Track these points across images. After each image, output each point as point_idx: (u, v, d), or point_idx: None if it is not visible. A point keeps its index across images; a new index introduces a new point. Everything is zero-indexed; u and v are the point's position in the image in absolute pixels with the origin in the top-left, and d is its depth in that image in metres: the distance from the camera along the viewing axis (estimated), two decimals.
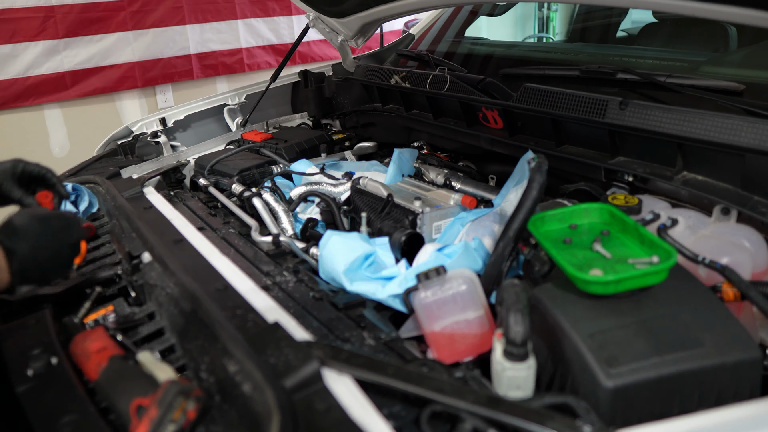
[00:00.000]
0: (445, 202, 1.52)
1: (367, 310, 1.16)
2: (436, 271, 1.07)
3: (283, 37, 4.61)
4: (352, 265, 1.23)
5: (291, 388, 0.77)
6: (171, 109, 2.29)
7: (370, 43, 2.55)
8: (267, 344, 0.84)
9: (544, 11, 5.28)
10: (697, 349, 0.80)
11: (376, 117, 2.24)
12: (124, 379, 0.82)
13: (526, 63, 1.98)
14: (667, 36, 2.23)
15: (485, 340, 1.06)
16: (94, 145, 2.22)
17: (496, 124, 1.66)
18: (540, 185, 1.13)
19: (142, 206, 1.58)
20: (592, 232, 1.05)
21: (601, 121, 1.34)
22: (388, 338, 1.03)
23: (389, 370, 0.80)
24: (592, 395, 0.79)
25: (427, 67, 2.06)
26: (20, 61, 3.47)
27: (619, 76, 1.51)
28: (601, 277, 0.87)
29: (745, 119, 1.12)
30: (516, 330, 0.81)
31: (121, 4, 3.77)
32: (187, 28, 4.10)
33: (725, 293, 0.95)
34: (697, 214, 1.16)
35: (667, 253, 0.89)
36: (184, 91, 4.24)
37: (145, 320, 1.06)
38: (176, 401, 0.73)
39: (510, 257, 1.15)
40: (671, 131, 1.22)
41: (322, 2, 2.15)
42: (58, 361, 0.89)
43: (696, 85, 1.36)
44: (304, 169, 1.88)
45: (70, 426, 0.77)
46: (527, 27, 5.58)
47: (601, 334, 0.83)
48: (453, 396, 0.75)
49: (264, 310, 1.00)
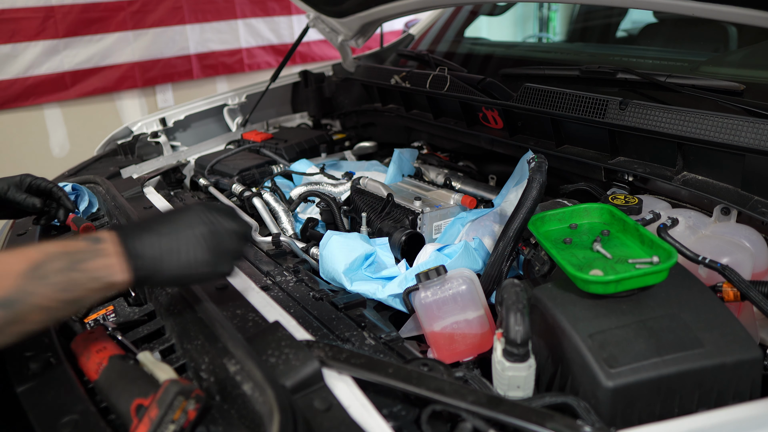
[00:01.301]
0: (445, 202, 1.52)
1: (367, 310, 1.16)
2: (436, 271, 1.07)
3: (283, 37, 4.61)
4: (353, 265, 1.23)
5: (291, 388, 0.77)
6: (171, 109, 2.29)
7: (370, 43, 2.55)
8: (267, 344, 0.84)
9: (544, 11, 5.28)
10: (697, 349, 0.80)
11: (376, 117, 2.24)
12: (124, 379, 0.82)
13: (526, 63, 1.98)
14: (667, 36, 2.23)
15: (485, 340, 1.07)
16: (94, 145, 2.22)
17: (496, 124, 1.66)
18: (540, 185, 1.13)
19: (142, 206, 1.58)
20: (593, 232, 1.05)
21: (601, 121, 1.34)
22: (388, 338, 1.03)
23: (389, 369, 0.80)
24: (593, 395, 0.79)
25: (427, 67, 2.06)
26: (20, 61, 3.47)
27: (619, 76, 1.51)
28: (602, 276, 0.87)
29: (745, 119, 1.12)
30: (516, 330, 0.81)
31: (121, 4, 3.77)
32: (187, 28, 4.10)
33: (725, 293, 0.96)
34: (697, 214, 1.16)
35: (668, 253, 0.89)
36: (184, 91, 4.24)
37: (145, 320, 1.06)
38: (176, 401, 0.73)
39: (510, 257, 1.15)
40: (671, 131, 1.22)
41: (322, 2, 2.15)
42: (57, 361, 0.89)
43: (696, 85, 1.36)
44: (304, 169, 1.88)
45: (70, 426, 0.76)
46: (527, 27, 5.58)
47: (601, 334, 0.83)
48: (453, 396, 0.75)
49: (264, 310, 1.00)
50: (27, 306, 0.69)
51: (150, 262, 0.78)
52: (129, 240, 0.78)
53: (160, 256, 0.79)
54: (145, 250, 0.78)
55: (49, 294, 0.71)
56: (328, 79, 2.51)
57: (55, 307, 0.72)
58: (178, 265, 0.80)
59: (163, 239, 0.80)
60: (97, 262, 0.75)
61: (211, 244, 0.84)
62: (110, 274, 0.75)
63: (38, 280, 0.70)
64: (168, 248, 0.80)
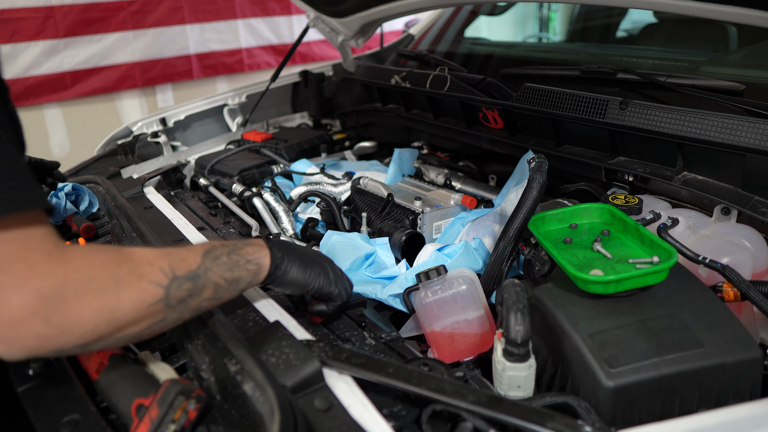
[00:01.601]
0: (446, 202, 1.52)
1: (367, 309, 1.16)
2: (437, 271, 1.07)
3: (283, 37, 4.61)
4: (353, 265, 1.23)
5: (292, 388, 0.77)
6: (171, 109, 2.29)
7: (370, 43, 2.55)
8: (268, 344, 0.84)
9: (544, 11, 5.28)
10: (697, 349, 0.80)
11: (376, 117, 2.24)
12: (124, 378, 0.82)
13: (526, 63, 1.97)
14: (667, 36, 2.23)
15: (485, 340, 1.07)
16: (94, 145, 2.22)
17: (497, 124, 1.66)
18: (540, 185, 1.13)
19: (143, 206, 1.58)
20: (593, 232, 1.05)
21: (601, 121, 1.34)
22: (389, 338, 1.03)
23: (390, 369, 0.80)
24: (593, 395, 0.79)
25: (427, 67, 2.06)
26: (20, 61, 3.47)
27: (620, 76, 1.51)
28: (602, 276, 0.87)
29: (746, 119, 1.12)
30: (516, 330, 0.81)
31: (121, 4, 3.77)
32: (187, 28, 4.10)
33: (726, 293, 0.96)
34: (697, 214, 1.16)
35: (668, 252, 0.89)
36: (184, 91, 4.24)
37: None
38: (177, 401, 0.73)
39: (510, 257, 1.15)
40: (671, 131, 1.22)
41: (322, 2, 2.15)
42: (58, 361, 0.89)
43: (696, 85, 1.36)
44: (304, 169, 1.88)
45: (71, 425, 0.77)
46: (527, 27, 5.58)
47: (602, 334, 0.83)
48: (453, 396, 0.75)
49: (264, 310, 1.00)
50: (205, 281, 0.82)
51: (282, 261, 0.97)
52: (267, 242, 0.98)
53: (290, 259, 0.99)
54: (280, 250, 0.98)
55: (219, 272, 0.85)
56: (328, 79, 2.51)
57: (222, 286, 0.85)
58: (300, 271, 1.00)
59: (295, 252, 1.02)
60: (250, 248, 0.93)
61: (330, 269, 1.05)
62: (260, 257, 0.93)
63: (213, 260, 0.85)
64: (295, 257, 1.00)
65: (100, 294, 0.69)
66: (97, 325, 0.68)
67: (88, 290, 0.68)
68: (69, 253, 0.69)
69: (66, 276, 0.67)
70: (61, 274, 0.66)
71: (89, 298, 0.68)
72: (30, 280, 0.64)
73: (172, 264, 0.78)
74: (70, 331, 0.67)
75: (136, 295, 0.72)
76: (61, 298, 0.65)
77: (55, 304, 0.65)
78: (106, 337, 0.71)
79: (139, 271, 0.74)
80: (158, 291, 0.75)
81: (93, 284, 0.69)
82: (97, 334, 0.69)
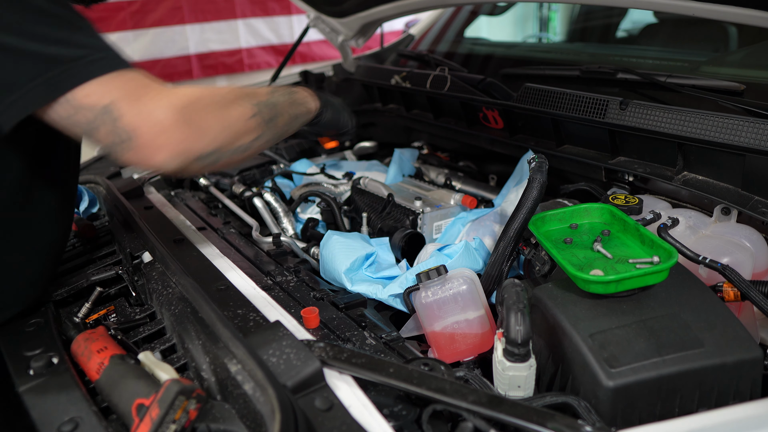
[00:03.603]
0: (446, 202, 1.52)
1: (367, 309, 1.16)
2: (437, 270, 1.07)
3: (283, 37, 4.61)
4: (353, 265, 1.23)
5: (292, 388, 0.77)
6: None
7: (370, 43, 2.54)
8: (268, 344, 0.84)
9: (544, 11, 5.28)
10: (697, 349, 0.80)
11: (376, 117, 2.24)
12: (125, 378, 0.82)
13: (526, 63, 1.98)
14: (667, 36, 2.23)
15: (486, 340, 1.07)
16: None
17: (497, 124, 1.67)
18: (540, 185, 1.13)
19: (143, 206, 1.58)
20: (593, 232, 1.05)
21: (601, 121, 1.34)
22: (389, 338, 1.03)
23: (390, 369, 0.80)
24: (593, 395, 0.79)
25: (427, 67, 2.06)
26: None
27: (620, 76, 1.51)
28: (602, 276, 0.87)
29: (746, 119, 1.13)
30: (517, 330, 0.81)
31: (121, 4, 3.77)
32: (187, 28, 4.10)
33: (726, 293, 0.96)
34: (697, 214, 1.16)
35: (668, 252, 0.90)
36: None
37: (146, 320, 1.06)
38: (178, 401, 0.73)
39: (510, 257, 1.15)
40: (671, 131, 1.22)
41: (322, 2, 2.15)
42: (59, 361, 0.89)
43: (696, 85, 1.36)
44: (304, 169, 1.88)
45: (72, 425, 0.77)
46: (527, 27, 5.58)
47: (602, 334, 0.83)
48: (454, 395, 0.75)
49: (265, 310, 1.01)
50: (281, 109, 1.06)
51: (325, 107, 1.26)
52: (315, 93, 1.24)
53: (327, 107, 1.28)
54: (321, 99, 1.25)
55: (285, 104, 1.09)
56: (329, 79, 2.51)
57: (291, 115, 1.10)
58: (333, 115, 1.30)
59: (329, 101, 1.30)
60: (302, 93, 1.19)
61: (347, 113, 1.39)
62: (310, 101, 1.20)
63: (278, 96, 1.07)
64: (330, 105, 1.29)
65: (218, 109, 0.91)
66: (219, 132, 0.90)
67: (211, 105, 0.90)
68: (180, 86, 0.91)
69: (191, 95, 0.88)
70: (188, 93, 0.87)
71: (212, 110, 0.90)
72: (164, 99, 0.84)
73: (255, 92, 1.02)
74: (203, 135, 0.87)
75: (240, 111, 0.95)
76: (193, 110, 0.86)
77: (189, 114, 0.85)
78: (226, 146, 0.92)
79: (239, 95, 0.98)
80: (254, 108, 0.98)
81: (213, 102, 0.91)
82: (219, 141, 0.90)
